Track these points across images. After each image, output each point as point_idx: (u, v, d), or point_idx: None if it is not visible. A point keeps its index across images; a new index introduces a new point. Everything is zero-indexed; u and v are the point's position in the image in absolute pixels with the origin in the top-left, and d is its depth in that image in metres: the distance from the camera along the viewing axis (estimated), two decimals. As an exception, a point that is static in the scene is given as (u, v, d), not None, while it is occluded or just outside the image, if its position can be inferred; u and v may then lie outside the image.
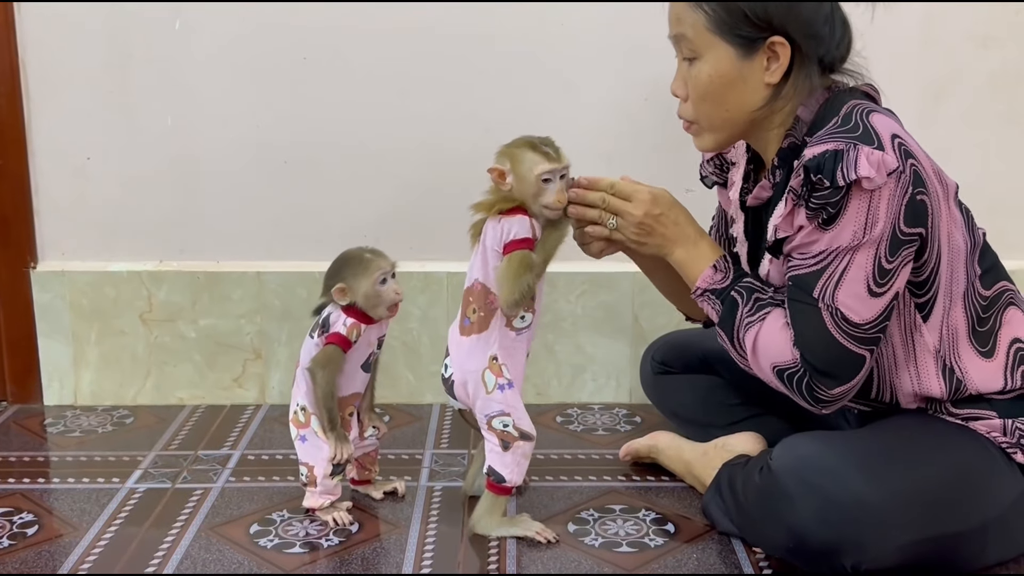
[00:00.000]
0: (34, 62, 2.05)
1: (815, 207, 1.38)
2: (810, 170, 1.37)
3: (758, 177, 1.60)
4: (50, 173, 2.10)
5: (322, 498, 1.66)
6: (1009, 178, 2.10)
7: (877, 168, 1.34)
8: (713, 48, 1.45)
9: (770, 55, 1.44)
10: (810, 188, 1.37)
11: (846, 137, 1.37)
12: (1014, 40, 2.04)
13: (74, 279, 2.12)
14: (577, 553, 1.57)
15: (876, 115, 1.42)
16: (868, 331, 1.40)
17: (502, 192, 1.55)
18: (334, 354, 1.61)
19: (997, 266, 1.54)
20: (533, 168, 1.52)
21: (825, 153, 1.36)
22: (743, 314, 1.48)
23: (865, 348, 1.41)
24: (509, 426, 1.57)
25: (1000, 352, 1.49)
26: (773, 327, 1.45)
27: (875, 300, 1.39)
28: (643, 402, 2.11)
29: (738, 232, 1.64)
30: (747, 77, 1.46)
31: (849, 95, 1.47)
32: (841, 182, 1.34)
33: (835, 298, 1.39)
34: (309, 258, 2.11)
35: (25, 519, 1.69)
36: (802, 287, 1.42)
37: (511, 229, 1.53)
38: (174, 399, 2.17)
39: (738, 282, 1.51)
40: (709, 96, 1.48)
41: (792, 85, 1.46)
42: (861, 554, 1.39)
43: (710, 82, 1.47)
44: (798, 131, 1.47)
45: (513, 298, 1.52)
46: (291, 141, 2.08)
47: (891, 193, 1.36)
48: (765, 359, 1.46)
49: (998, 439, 1.48)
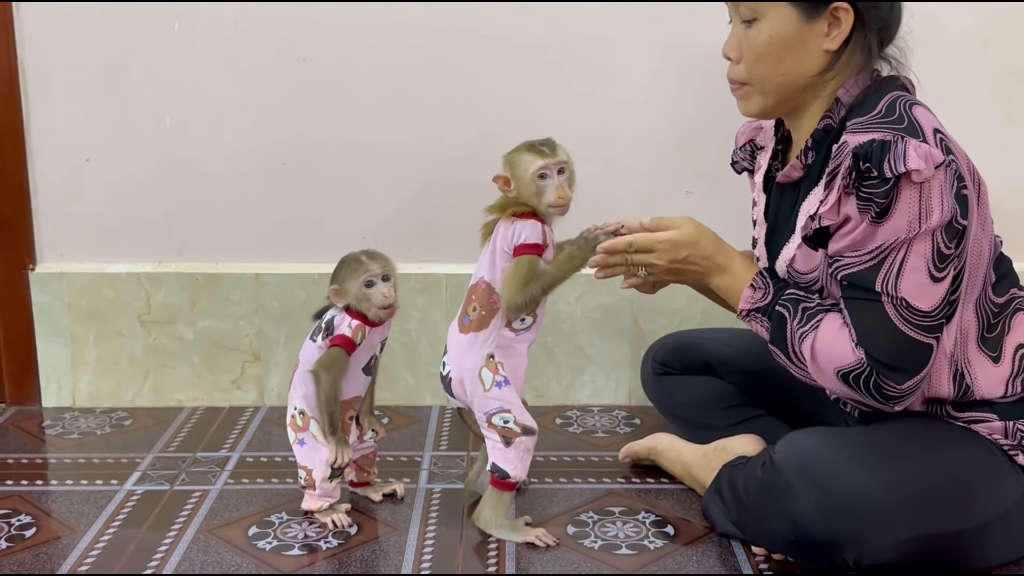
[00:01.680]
0: (33, 63, 2.05)
1: (865, 197, 1.37)
2: (859, 157, 1.36)
3: (786, 160, 1.60)
4: (49, 174, 2.09)
5: (321, 500, 1.65)
6: (1010, 179, 2.09)
7: (926, 160, 1.34)
8: (776, 10, 1.45)
9: (832, 20, 1.44)
10: (859, 176, 1.37)
11: (893, 128, 1.37)
12: (1014, 41, 2.04)
13: (72, 280, 2.12)
14: (577, 555, 1.57)
15: (918, 108, 1.42)
16: (934, 318, 1.39)
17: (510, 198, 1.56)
18: (339, 356, 1.61)
19: (1011, 273, 1.54)
20: (528, 168, 1.53)
21: (873, 142, 1.36)
22: (793, 327, 1.47)
23: (931, 336, 1.40)
24: (510, 422, 1.57)
25: (1006, 358, 1.49)
26: (829, 331, 1.44)
27: (937, 286, 1.38)
28: (642, 404, 2.11)
29: (758, 215, 1.64)
30: (807, 41, 1.45)
31: (891, 85, 1.47)
32: (889, 174, 1.34)
33: (898, 288, 1.38)
34: (308, 260, 2.11)
35: (23, 521, 1.68)
36: (860, 284, 1.40)
37: (522, 232, 1.54)
38: (172, 401, 2.17)
39: (780, 295, 1.51)
40: (766, 57, 1.47)
41: (849, 55, 1.46)
42: (862, 548, 1.39)
43: (769, 43, 1.46)
44: (835, 113, 1.47)
45: (515, 302, 1.53)
46: (290, 142, 2.08)
47: (941, 184, 1.35)
48: (827, 365, 1.44)
49: (999, 441, 1.48)
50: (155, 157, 2.09)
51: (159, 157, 2.09)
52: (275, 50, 2.04)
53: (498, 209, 1.58)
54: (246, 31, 2.03)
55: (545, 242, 1.56)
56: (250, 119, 2.07)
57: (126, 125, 2.07)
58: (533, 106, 2.05)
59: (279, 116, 2.07)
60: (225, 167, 2.09)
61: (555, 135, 1.58)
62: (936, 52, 2.04)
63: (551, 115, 2.04)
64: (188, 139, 2.08)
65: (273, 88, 2.06)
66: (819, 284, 1.50)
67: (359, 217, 2.10)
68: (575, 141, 1.63)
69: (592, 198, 2.01)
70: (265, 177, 2.10)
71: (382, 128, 2.07)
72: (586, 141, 1.97)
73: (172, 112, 2.07)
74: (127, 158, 2.09)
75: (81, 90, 2.06)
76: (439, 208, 2.09)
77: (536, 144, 1.55)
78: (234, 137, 2.08)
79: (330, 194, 2.10)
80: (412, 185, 2.10)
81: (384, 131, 2.07)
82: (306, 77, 2.05)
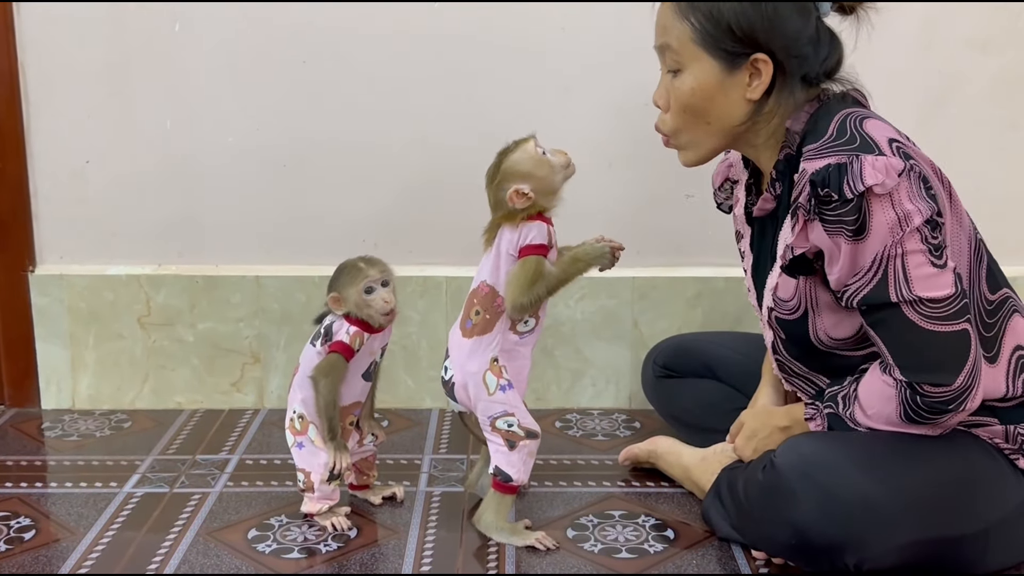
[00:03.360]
0: (33, 64, 2.04)
1: (831, 220, 1.37)
2: (816, 184, 1.37)
3: (760, 190, 1.60)
4: (49, 176, 2.09)
5: (320, 503, 1.65)
6: (1009, 183, 2.10)
7: (886, 172, 1.34)
8: (697, 61, 1.46)
9: (752, 71, 1.45)
10: (819, 202, 1.37)
11: (845, 150, 1.37)
12: (1014, 45, 2.04)
13: (72, 282, 2.11)
14: (576, 559, 1.57)
15: (869, 121, 1.42)
16: (956, 301, 1.38)
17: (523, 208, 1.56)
18: (337, 362, 1.61)
19: (996, 272, 1.54)
20: (530, 154, 1.56)
21: (828, 167, 1.36)
22: (845, 416, 1.49)
23: (961, 321, 1.38)
24: (514, 426, 1.57)
25: (1003, 359, 1.49)
26: (865, 387, 1.46)
27: (944, 271, 1.37)
28: (642, 407, 2.11)
29: (745, 247, 1.64)
30: (729, 91, 1.46)
31: (839, 104, 1.47)
32: (850, 194, 1.34)
33: (912, 290, 1.37)
34: (308, 262, 2.11)
35: (22, 523, 1.68)
36: (876, 302, 1.39)
37: (529, 233, 1.55)
38: (172, 403, 2.17)
39: (826, 404, 1.52)
40: (690, 109, 1.49)
41: (774, 101, 1.47)
42: (863, 552, 1.39)
43: (692, 95, 1.48)
44: (792, 142, 1.48)
45: (520, 302, 1.54)
46: (290, 145, 2.08)
47: (908, 189, 1.35)
48: (881, 412, 1.44)
49: (1000, 445, 1.48)
50: (155, 159, 2.09)
51: (159, 159, 2.09)
52: (276, 52, 2.04)
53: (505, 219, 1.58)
54: (247, 33, 2.03)
55: (550, 243, 1.56)
56: (251, 121, 2.07)
57: (126, 127, 2.07)
58: (533, 109, 2.05)
59: (280, 118, 2.07)
60: (225, 169, 2.09)
61: (555, 138, 1.58)
62: (936, 57, 2.05)
63: (551, 118, 2.04)
64: (189, 141, 2.08)
65: (274, 90, 2.06)
66: (801, 310, 1.50)
67: (359, 219, 2.10)
68: (575, 144, 1.63)
69: (593, 201, 2.03)
70: (265, 179, 2.09)
71: (382, 130, 2.07)
72: (586, 144, 1.97)
73: (173, 114, 2.07)
74: (127, 160, 2.08)
75: (81, 92, 2.05)
76: (439, 210, 2.09)
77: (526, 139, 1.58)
78: (235, 139, 2.08)
79: (330, 196, 2.10)
80: (412, 187, 2.10)
81: (384, 133, 2.07)
82: (306, 79, 2.05)
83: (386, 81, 2.05)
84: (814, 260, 1.44)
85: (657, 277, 2.12)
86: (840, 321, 1.47)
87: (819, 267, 1.44)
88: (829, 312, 1.48)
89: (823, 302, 1.47)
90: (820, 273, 1.45)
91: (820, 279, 1.46)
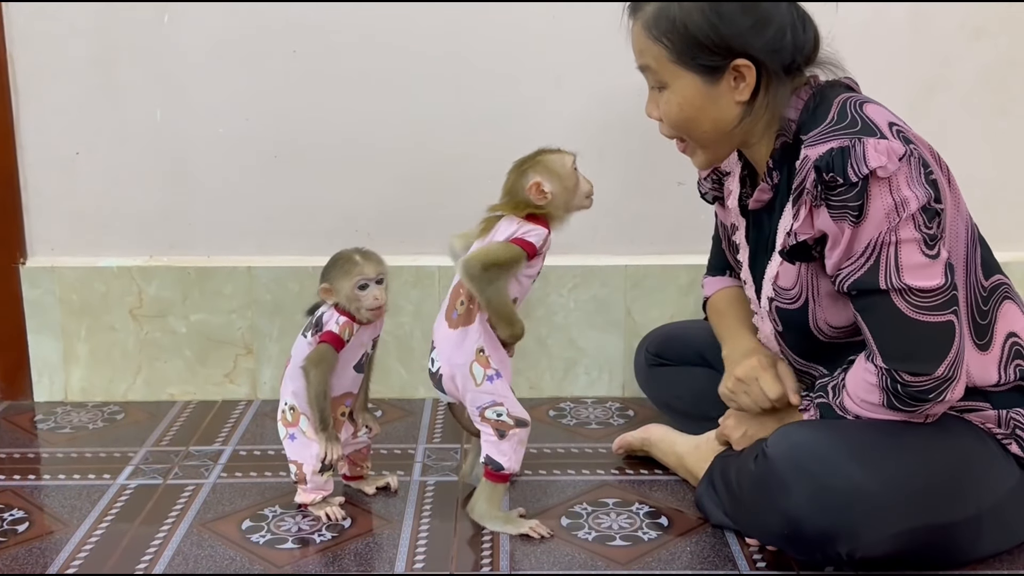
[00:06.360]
0: (22, 57, 2.04)
1: (836, 205, 1.37)
2: (821, 169, 1.36)
3: (755, 181, 1.60)
4: (39, 168, 2.09)
5: (314, 494, 1.65)
6: (1002, 170, 2.10)
7: (888, 156, 1.34)
8: (679, 78, 1.46)
9: (736, 76, 1.44)
10: (824, 187, 1.37)
11: (847, 133, 1.37)
12: (1006, 32, 2.04)
13: (63, 275, 2.11)
14: (570, 547, 1.57)
15: (869, 106, 1.42)
16: (944, 292, 1.38)
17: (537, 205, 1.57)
18: (327, 353, 1.61)
19: (990, 258, 1.54)
20: (566, 163, 1.57)
21: (831, 151, 1.36)
22: (835, 404, 1.49)
23: (947, 312, 1.38)
24: (503, 415, 1.57)
25: (996, 346, 1.49)
26: (851, 375, 1.47)
27: (936, 262, 1.37)
28: (636, 396, 2.11)
29: (740, 239, 1.64)
30: (717, 99, 1.46)
31: (834, 90, 1.47)
32: (855, 177, 1.34)
33: (901, 278, 1.37)
34: (300, 253, 2.11)
35: (15, 516, 1.68)
36: (866, 288, 1.39)
37: (529, 231, 1.55)
38: (165, 395, 2.16)
39: (818, 395, 1.53)
40: (682, 122, 1.49)
41: (765, 97, 1.46)
42: (856, 541, 1.39)
43: (681, 110, 1.48)
44: (788, 130, 1.47)
45: (477, 267, 1.52)
46: (281, 135, 2.07)
47: (908, 174, 1.35)
48: (866, 395, 1.44)
49: (993, 430, 1.48)
50: (146, 150, 2.08)
51: (150, 150, 2.08)
52: (266, 42, 2.03)
53: (509, 208, 1.58)
54: (236, 23, 2.02)
55: (541, 250, 1.57)
56: (241, 112, 2.06)
57: (116, 118, 2.06)
58: (527, 99, 2.05)
59: (270, 109, 2.06)
60: (216, 160, 2.08)
61: (548, 127, 1.59)
62: (929, 44, 2.05)
63: (544, 108, 2.04)
64: (179, 132, 2.07)
65: (264, 81, 2.05)
66: (802, 300, 1.50)
67: (351, 210, 2.09)
68: (568, 133, 1.63)
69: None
70: (257, 170, 2.09)
71: (374, 120, 2.07)
72: (578, 133, 1.97)
73: (163, 105, 2.06)
74: (118, 151, 2.08)
75: (71, 83, 2.05)
76: (432, 201, 2.09)
77: (550, 150, 1.58)
78: (225, 130, 2.07)
79: (322, 187, 2.10)
80: (405, 178, 2.09)
81: (376, 123, 2.07)
82: (297, 69, 2.04)
83: (377, 71, 2.05)
84: (813, 246, 1.44)
85: (650, 265, 2.12)
86: (840, 309, 1.47)
87: (817, 253, 1.44)
88: (830, 300, 1.48)
89: (824, 290, 1.47)
90: (819, 260, 1.45)
91: (820, 266, 1.46)
